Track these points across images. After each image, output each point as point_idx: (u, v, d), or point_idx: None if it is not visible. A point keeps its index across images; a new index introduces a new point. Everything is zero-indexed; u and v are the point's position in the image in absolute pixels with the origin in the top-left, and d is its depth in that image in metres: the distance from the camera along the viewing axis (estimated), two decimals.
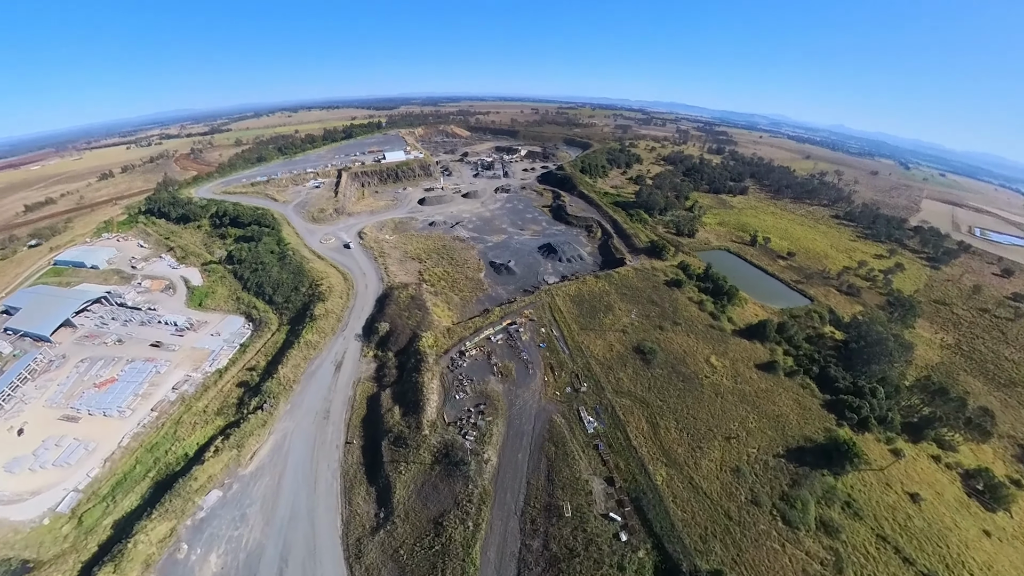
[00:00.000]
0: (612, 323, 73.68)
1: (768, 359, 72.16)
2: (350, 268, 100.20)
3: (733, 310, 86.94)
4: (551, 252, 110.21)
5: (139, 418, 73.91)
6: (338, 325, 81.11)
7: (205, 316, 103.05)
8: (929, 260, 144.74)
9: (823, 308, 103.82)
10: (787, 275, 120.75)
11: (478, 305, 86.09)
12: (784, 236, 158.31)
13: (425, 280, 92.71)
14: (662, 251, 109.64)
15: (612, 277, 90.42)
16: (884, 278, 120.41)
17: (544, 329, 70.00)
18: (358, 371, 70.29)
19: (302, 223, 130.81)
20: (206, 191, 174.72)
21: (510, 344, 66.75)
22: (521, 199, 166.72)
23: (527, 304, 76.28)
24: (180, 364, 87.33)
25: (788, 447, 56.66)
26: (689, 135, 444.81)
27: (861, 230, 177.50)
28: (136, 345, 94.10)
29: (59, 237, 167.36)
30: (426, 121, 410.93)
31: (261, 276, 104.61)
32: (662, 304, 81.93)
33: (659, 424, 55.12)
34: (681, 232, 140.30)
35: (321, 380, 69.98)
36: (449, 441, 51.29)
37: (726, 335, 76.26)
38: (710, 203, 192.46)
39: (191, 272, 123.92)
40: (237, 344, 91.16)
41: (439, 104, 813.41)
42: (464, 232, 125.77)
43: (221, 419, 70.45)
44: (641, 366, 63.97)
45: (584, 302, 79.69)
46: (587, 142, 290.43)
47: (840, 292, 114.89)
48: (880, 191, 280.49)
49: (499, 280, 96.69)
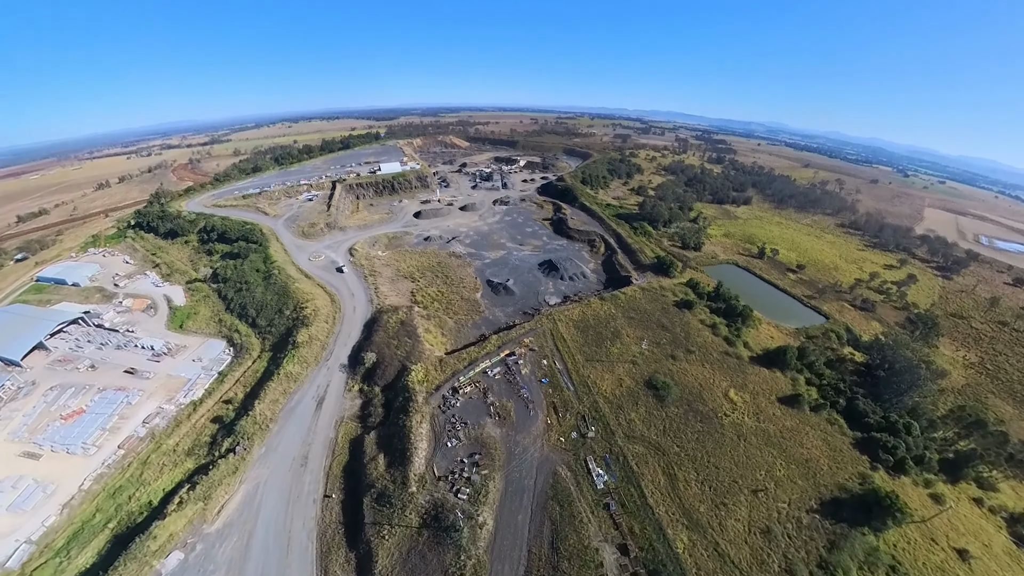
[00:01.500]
0: (620, 352, 67.49)
1: (791, 391, 66.00)
2: (338, 288, 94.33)
3: (748, 333, 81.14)
4: (552, 269, 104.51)
5: (104, 456, 67.63)
6: (322, 354, 74.95)
7: (185, 339, 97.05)
8: (940, 270, 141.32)
9: (840, 327, 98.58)
10: (799, 290, 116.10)
11: (474, 330, 80.00)
12: (792, 247, 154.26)
13: (417, 302, 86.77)
14: (669, 267, 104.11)
15: (618, 299, 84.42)
16: (898, 291, 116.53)
17: (546, 361, 63.83)
18: (341, 408, 63.99)
19: (292, 238, 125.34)
20: (196, 204, 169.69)
21: (508, 379, 60.48)
22: (520, 212, 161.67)
23: (527, 331, 70.12)
24: (153, 394, 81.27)
25: (821, 499, 50.29)
26: (688, 144, 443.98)
27: (868, 239, 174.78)
28: (109, 371, 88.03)
29: (46, 251, 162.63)
30: (425, 132, 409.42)
31: (245, 297, 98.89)
32: (673, 329, 75.81)
33: (677, 476, 48.66)
34: (687, 245, 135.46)
35: (301, 418, 63.66)
36: (439, 500, 44.84)
37: (743, 363, 70.13)
38: (714, 214, 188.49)
39: (175, 290, 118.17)
40: (215, 372, 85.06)
41: (439, 114, 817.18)
42: (461, 248, 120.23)
43: (191, 461, 64.21)
44: (654, 404, 57.68)
45: (589, 328, 73.66)
46: (587, 152, 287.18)
47: (855, 307, 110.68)
48: (882, 200, 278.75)
49: (497, 301, 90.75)
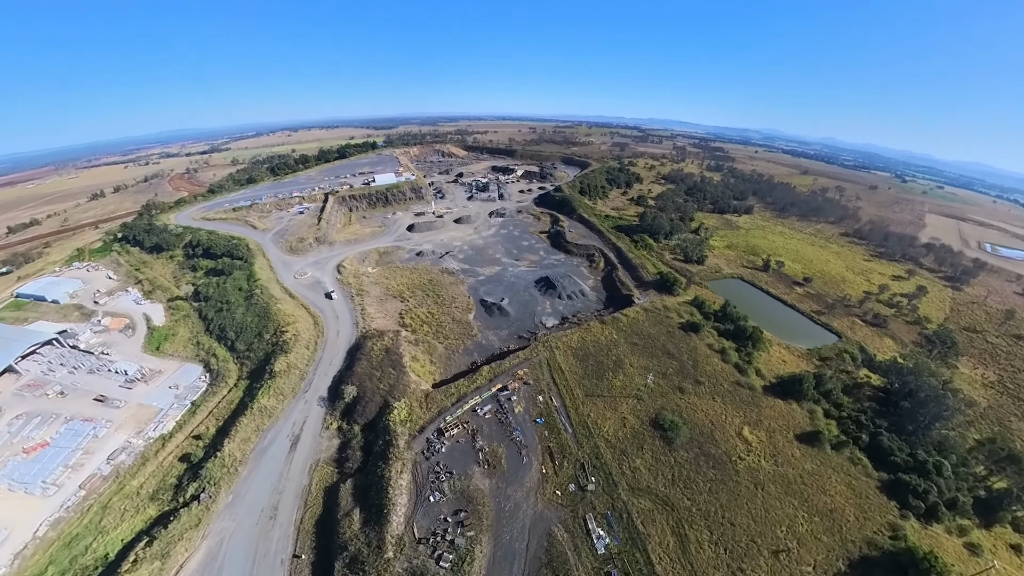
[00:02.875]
0: (623, 385, 61.95)
1: (810, 426, 60.46)
2: (322, 309, 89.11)
3: (759, 357, 75.80)
4: (549, 287, 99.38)
5: (64, 497, 62.32)
6: (300, 384, 69.51)
7: (160, 363, 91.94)
8: (948, 280, 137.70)
9: (853, 346, 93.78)
10: (807, 305, 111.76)
11: (465, 356, 74.61)
12: (797, 258, 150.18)
13: (406, 325, 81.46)
14: (673, 285, 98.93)
15: (620, 322, 78.97)
16: (909, 304, 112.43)
17: (541, 397, 58.28)
18: (317, 450, 58.41)
19: (279, 254, 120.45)
20: (185, 216, 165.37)
21: (500, 418, 54.89)
22: (517, 224, 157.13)
23: (521, 361, 64.56)
24: (122, 426, 76.09)
25: (850, 558, 44.66)
26: (687, 152, 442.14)
27: (873, 248, 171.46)
28: (79, 399, 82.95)
29: (31, 264, 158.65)
30: (424, 140, 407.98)
31: (225, 318, 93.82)
32: (680, 356, 70.31)
33: (688, 536, 42.99)
34: (689, 259, 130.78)
35: (273, 461, 58.12)
36: (418, 569, 39.22)
37: (757, 395, 64.63)
38: (716, 224, 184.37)
39: (155, 309, 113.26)
40: (188, 401, 79.79)
41: (438, 124, 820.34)
42: (454, 263, 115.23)
43: (154, 507, 58.83)
44: (661, 447, 52.08)
45: (589, 356, 68.18)
46: (585, 161, 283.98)
47: (866, 323, 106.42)
48: (883, 206, 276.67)
49: (490, 323, 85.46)
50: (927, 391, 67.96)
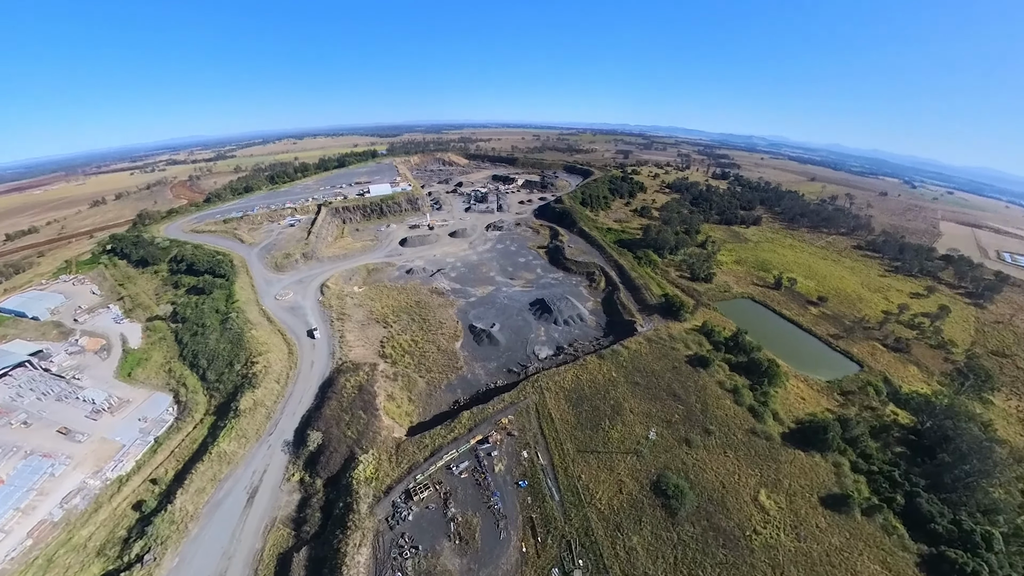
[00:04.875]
0: (622, 438, 54.45)
1: (836, 487, 52.57)
2: (298, 337, 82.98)
3: (776, 396, 68.14)
4: (545, 311, 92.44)
5: (10, 547, 56.77)
6: (265, 426, 63.24)
7: (130, 392, 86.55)
8: (970, 297, 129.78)
9: (877, 377, 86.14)
10: (823, 328, 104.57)
11: (448, 393, 67.87)
12: (809, 275, 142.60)
13: (386, 356, 74.96)
14: (679, 309, 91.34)
15: (620, 356, 71.44)
16: (932, 325, 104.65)
17: (527, 452, 51.08)
18: (275, 506, 51.92)
19: (262, 271, 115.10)
20: (176, 228, 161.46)
21: (477, 479, 47.83)
22: (515, 238, 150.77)
23: (506, 406, 57.35)
24: (81, 463, 70.60)
25: None
26: (691, 159, 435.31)
27: (889, 262, 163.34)
28: (43, 430, 77.71)
29: (20, 276, 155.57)
30: (427, 148, 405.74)
31: (199, 343, 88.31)
32: (687, 398, 62.70)
33: None
34: (696, 276, 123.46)
35: (227, 517, 51.80)
36: None
37: (775, 445, 56.94)
38: (723, 236, 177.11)
39: (133, 329, 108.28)
40: (152, 438, 74.08)
41: (442, 131, 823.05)
42: (445, 282, 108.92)
43: (98, 564, 53.13)
44: (663, 519, 44.58)
45: (584, 400, 60.86)
46: (588, 169, 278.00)
47: (887, 348, 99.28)
48: (894, 214, 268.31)
49: (478, 353, 78.68)
50: (968, 442, 59.82)
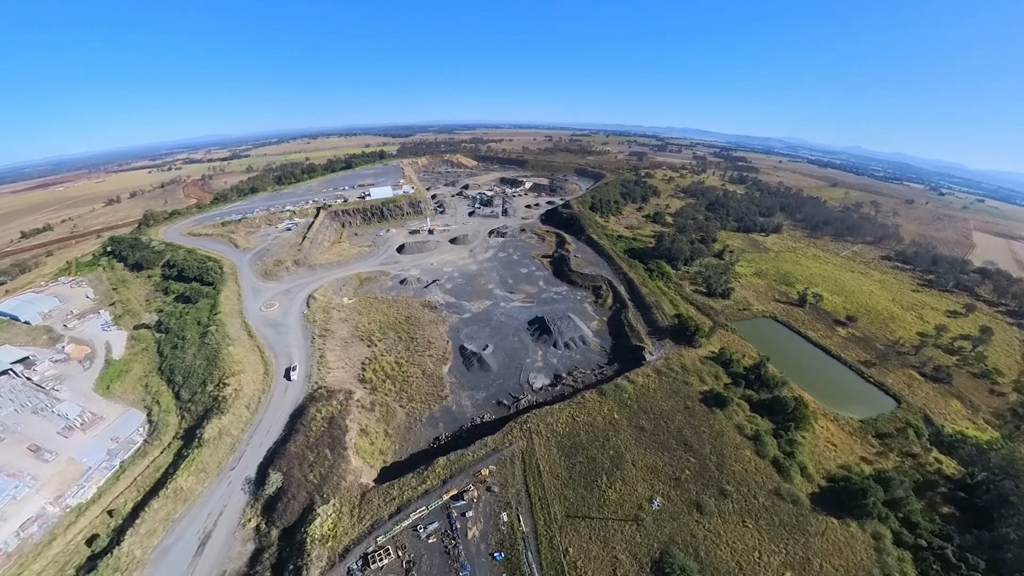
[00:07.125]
0: (620, 500, 46.13)
1: (878, 571, 43.32)
2: (277, 355, 77.13)
3: (803, 444, 58.94)
4: (544, 332, 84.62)
5: None
6: (228, 458, 57.32)
7: (106, 406, 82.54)
8: (1012, 316, 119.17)
9: (917, 416, 76.23)
10: (853, 353, 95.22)
11: (429, 427, 60.86)
12: (836, 289, 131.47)
13: (365, 380, 68.40)
14: (694, 334, 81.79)
15: (624, 393, 62.72)
16: (974, 350, 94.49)
17: (507, 515, 43.17)
18: (226, 557, 45.73)
19: (252, 279, 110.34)
20: (174, 231, 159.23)
21: (446, 546, 40.18)
22: (518, 246, 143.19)
23: (488, 453, 49.27)
24: (46, 485, 66.64)
25: None
26: (707, 162, 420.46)
27: (921, 275, 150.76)
28: (13, 447, 74.21)
29: (25, 276, 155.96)
30: (438, 149, 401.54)
31: (177, 357, 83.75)
32: (700, 448, 53.80)
33: None
34: (713, 291, 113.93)
35: (173, 567, 46.08)
36: None
37: (803, 511, 47.98)
38: (741, 245, 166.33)
39: (120, 337, 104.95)
40: (118, 461, 69.43)
41: (454, 132, 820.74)
42: (439, 295, 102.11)
43: None
44: None
45: (579, 449, 52.51)
46: (599, 172, 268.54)
47: (925, 378, 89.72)
48: (923, 223, 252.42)
49: (467, 379, 71.43)
50: None
